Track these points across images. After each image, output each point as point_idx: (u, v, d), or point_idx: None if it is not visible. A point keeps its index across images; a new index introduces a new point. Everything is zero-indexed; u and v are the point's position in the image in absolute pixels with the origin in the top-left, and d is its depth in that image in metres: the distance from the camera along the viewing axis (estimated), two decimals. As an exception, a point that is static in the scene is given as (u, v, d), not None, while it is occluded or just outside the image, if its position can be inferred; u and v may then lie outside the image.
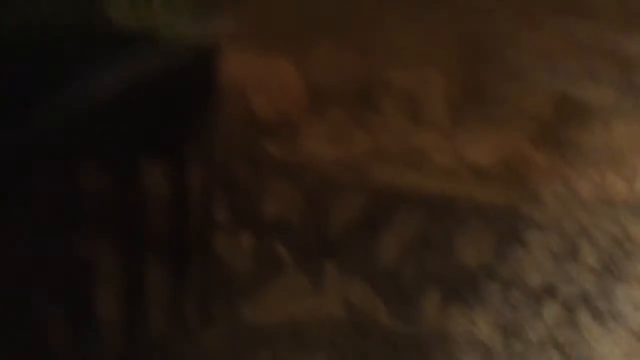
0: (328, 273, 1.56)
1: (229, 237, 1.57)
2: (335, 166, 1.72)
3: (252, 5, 1.91)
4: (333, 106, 1.88)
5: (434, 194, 1.64)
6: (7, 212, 1.19)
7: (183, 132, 1.38)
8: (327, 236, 1.60)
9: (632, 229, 1.64)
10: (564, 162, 1.71)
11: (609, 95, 1.81)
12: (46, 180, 1.21)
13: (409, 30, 2.00)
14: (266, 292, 1.53)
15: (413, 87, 1.90)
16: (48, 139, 1.23)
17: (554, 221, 1.61)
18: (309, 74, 1.88)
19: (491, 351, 1.48)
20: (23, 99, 1.18)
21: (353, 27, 1.95)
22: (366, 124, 1.86)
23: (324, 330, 1.48)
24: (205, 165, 1.40)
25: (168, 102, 1.35)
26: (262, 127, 1.81)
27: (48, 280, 1.24)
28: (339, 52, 1.92)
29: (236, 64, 1.78)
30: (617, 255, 1.62)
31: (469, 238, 1.60)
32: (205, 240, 1.46)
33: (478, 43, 1.97)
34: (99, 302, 1.28)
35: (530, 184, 1.70)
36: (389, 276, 1.54)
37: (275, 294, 1.52)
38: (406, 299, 1.50)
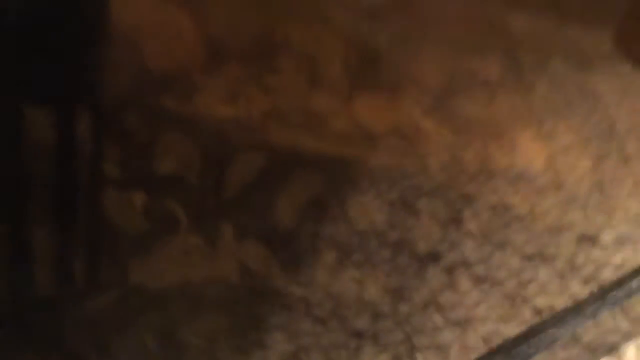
0: (223, 234, 1.52)
1: (119, 194, 1.48)
2: (233, 125, 1.68)
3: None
4: (230, 61, 1.81)
5: (330, 157, 1.65)
6: None
7: (69, 77, 1.27)
8: (223, 196, 1.56)
9: (510, 199, 1.75)
10: (451, 131, 1.78)
11: (495, 69, 1.90)
12: None
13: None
14: (158, 253, 1.47)
15: (312, 48, 1.88)
16: None
17: (439, 189, 1.68)
18: (205, 26, 1.80)
19: (379, 313, 1.53)
20: None
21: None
22: (264, 83, 1.81)
23: (218, 293, 1.46)
24: (95, 114, 1.30)
25: (52, 40, 1.23)
26: (155, 78, 1.71)
27: None
28: (238, 4, 1.85)
29: (128, 9, 1.66)
30: (496, 223, 1.72)
31: (362, 203, 1.63)
32: (95, 196, 1.37)
33: (374, 8, 1.98)
34: None
35: (419, 151, 1.75)
36: (285, 238, 1.53)
37: (168, 255, 1.47)
38: (301, 261, 1.51)
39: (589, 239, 1.74)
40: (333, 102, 1.85)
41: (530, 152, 1.84)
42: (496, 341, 1.53)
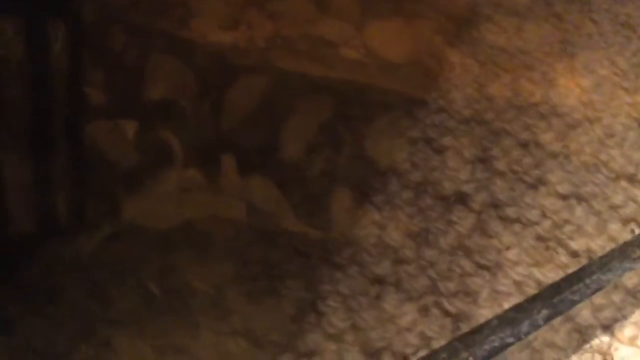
0: (226, 168, 1.33)
1: (106, 124, 1.28)
2: (232, 49, 1.48)
3: None
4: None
5: (342, 83, 1.46)
6: None
7: None
8: (223, 124, 1.37)
9: (542, 135, 1.59)
10: (476, 62, 1.61)
11: None
12: None
13: None
14: (154, 190, 1.28)
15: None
16: None
17: (465, 125, 1.51)
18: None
19: (401, 257, 1.37)
20: None
21: None
22: (266, 6, 1.62)
23: (224, 234, 1.28)
24: (73, 27, 1.10)
25: None
26: (150, 2, 1.51)
27: None
28: None
29: None
30: (527, 161, 1.56)
31: (381, 138, 1.45)
32: (77, 123, 1.17)
33: None
34: None
35: (442, 83, 1.57)
36: (294, 174, 1.34)
37: (165, 192, 1.28)
38: (313, 200, 1.32)
39: (627, 177, 1.58)
40: (343, 28, 1.65)
41: (562, 86, 1.66)
42: (530, 286, 1.38)
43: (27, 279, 1.10)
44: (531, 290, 1.35)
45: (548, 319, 1.30)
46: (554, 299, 1.34)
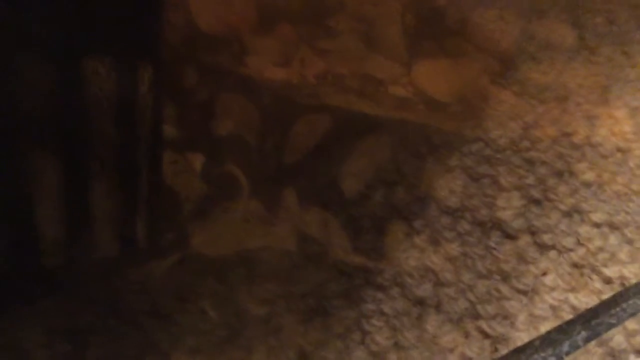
0: (286, 200, 1.46)
1: (177, 156, 1.42)
2: (289, 87, 1.60)
3: None
4: (282, 23, 1.74)
5: (396, 123, 1.57)
6: None
7: (130, 32, 1.21)
8: (286, 160, 1.49)
9: (575, 165, 1.67)
10: (522, 99, 1.70)
11: (571, 36, 1.80)
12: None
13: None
14: (218, 219, 1.41)
15: (368, 9, 1.79)
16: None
17: (503, 155, 1.60)
18: (257, -13, 1.72)
19: (441, 280, 1.46)
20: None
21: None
22: (317, 44, 1.74)
23: (276, 259, 1.40)
24: (154, 69, 1.24)
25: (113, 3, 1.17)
26: (207, 40, 1.65)
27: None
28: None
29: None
30: (563, 190, 1.64)
31: (439, 174, 1.56)
32: (155, 155, 1.31)
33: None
34: (40, 219, 1.11)
35: (488, 120, 1.67)
36: (350, 207, 1.46)
37: (228, 221, 1.41)
38: (367, 232, 1.43)
39: (660, 206, 1.65)
40: (392, 66, 1.76)
41: (596, 117, 1.75)
42: (565, 310, 1.46)
43: (97, 296, 1.23)
44: (566, 314, 1.42)
45: (587, 340, 1.39)
46: (592, 321, 1.43)
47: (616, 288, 1.50)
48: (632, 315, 1.41)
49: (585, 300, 1.47)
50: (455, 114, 1.67)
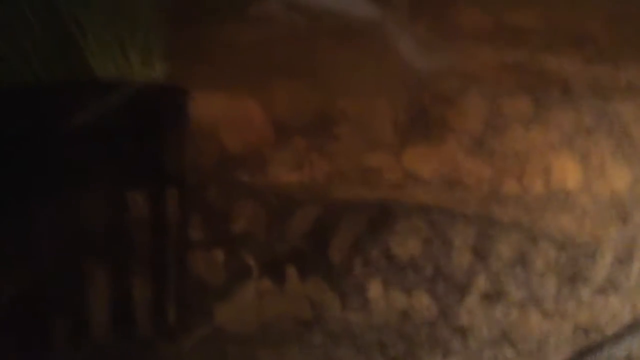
0: (290, 276, 1.81)
1: (203, 253, 1.83)
2: (297, 187, 1.99)
3: (218, 53, 2.21)
4: (295, 136, 2.15)
5: (378, 201, 1.89)
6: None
7: (161, 166, 1.67)
8: (287, 245, 1.86)
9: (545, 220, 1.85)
10: (491, 167, 1.96)
11: (529, 106, 2.07)
12: (49, 211, 1.50)
13: (360, 65, 2.28)
14: (237, 297, 1.78)
15: (365, 115, 2.17)
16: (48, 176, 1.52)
17: (477, 219, 1.85)
18: (272, 110, 2.15)
19: (449, 349, 1.69)
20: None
21: (309, 65, 2.23)
22: (325, 149, 2.12)
23: (291, 326, 1.73)
24: (180, 193, 1.68)
25: (146, 139, 1.64)
26: (234, 159, 2.09)
27: (51, 293, 1.52)
28: (297, 89, 2.20)
29: (208, 105, 2.08)
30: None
31: (402, 236, 1.85)
32: (183, 255, 1.73)
33: (416, 71, 2.25)
34: (93, 310, 1.55)
35: (461, 189, 1.94)
36: (340, 272, 1.78)
37: (245, 298, 1.78)
38: (355, 289, 1.74)
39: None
40: (386, 158, 2.11)
41: (562, 171, 1.95)
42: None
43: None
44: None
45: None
46: None
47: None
48: None
49: None
50: (435, 188, 1.96)
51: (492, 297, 1.70)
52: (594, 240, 1.80)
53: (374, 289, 1.70)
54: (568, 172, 1.86)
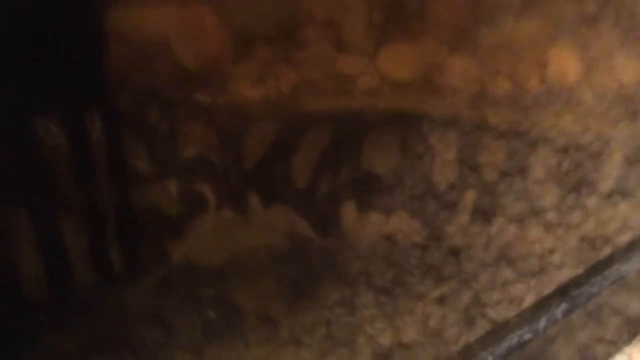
0: (252, 205, 1.37)
1: (151, 185, 1.39)
2: (261, 103, 1.52)
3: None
4: (258, 46, 1.66)
5: (349, 112, 1.43)
6: None
7: (73, 86, 1.19)
8: (245, 167, 1.41)
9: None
10: (477, 63, 1.47)
11: None
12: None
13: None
14: (195, 232, 1.36)
15: (334, 16, 1.66)
16: None
17: (464, 124, 1.39)
18: (229, 18, 1.67)
19: (443, 275, 1.29)
20: None
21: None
22: (292, 58, 1.64)
23: (264, 258, 1.31)
24: (107, 116, 1.21)
25: (50, 55, 1.15)
26: (191, 77, 1.61)
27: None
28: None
29: (157, 17, 1.58)
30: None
31: (377, 148, 1.39)
32: (123, 190, 1.29)
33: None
34: (19, 261, 1.12)
35: (445, 90, 1.47)
36: (306, 196, 1.35)
37: (203, 233, 1.35)
38: (325, 214, 1.31)
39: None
40: (359, 61, 1.62)
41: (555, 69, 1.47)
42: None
43: (98, 317, 1.23)
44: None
45: (567, 313, 1.16)
46: (572, 292, 1.19)
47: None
48: (615, 282, 1.15)
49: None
50: (415, 92, 1.49)
51: (486, 212, 1.25)
52: (600, 141, 1.31)
53: (347, 213, 1.25)
54: (567, 66, 1.35)
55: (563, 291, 1.18)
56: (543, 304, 1.19)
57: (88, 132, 1.25)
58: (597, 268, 1.19)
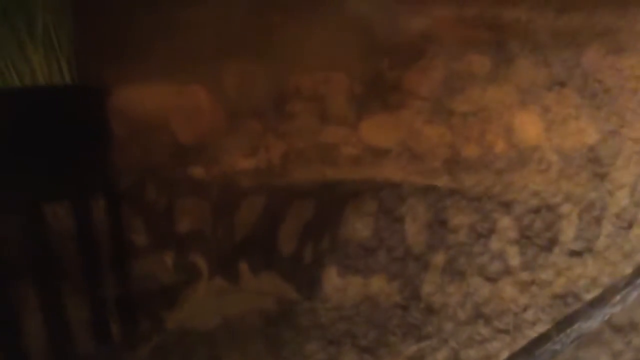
0: (243, 272, 1.53)
1: (149, 258, 1.56)
2: (252, 173, 1.70)
3: (158, 44, 1.90)
4: (249, 120, 1.85)
5: (331, 180, 1.59)
6: None
7: (79, 173, 1.38)
8: (236, 238, 1.57)
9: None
10: (450, 131, 1.63)
11: (487, 64, 1.71)
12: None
13: (311, 37, 1.95)
14: (188, 301, 1.51)
15: (319, 89, 1.85)
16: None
17: (438, 190, 1.53)
18: (222, 94, 1.86)
19: (423, 334, 1.42)
20: None
21: (257, 42, 1.91)
22: (280, 130, 1.82)
23: (256, 322, 1.46)
24: (109, 198, 1.39)
25: (58, 147, 1.34)
26: (187, 152, 1.80)
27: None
28: (247, 68, 1.89)
29: (155, 98, 1.78)
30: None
31: (356, 214, 1.54)
32: (122, 265, 1.46)
33: (373, 37, 1.91)
34: (26, 334, 1.29)
35: (422, 156, 1.62)
36: (291, 263, 1.50)
37: (197, 300, 1.51)
38: (309, 278, 1.46)
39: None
40: (343, 131, 1.79)
41: (520, 129, 1.61)
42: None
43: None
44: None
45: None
46: (536, 350, 1.30)
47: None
48: (577, 339, 1.27)
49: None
50: (395, 159, 1.65)
51: (462, 273, 1.38)
52: (569, 202, 1.45)
53: (329, 277, 1.40)
54: (530, 128, 1.51)
55: (528, 350, 1.29)
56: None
57: (91, 214, 1.43)
58: (562, 325, 1.31)
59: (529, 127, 1.60)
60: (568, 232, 1.48)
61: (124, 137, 1.59)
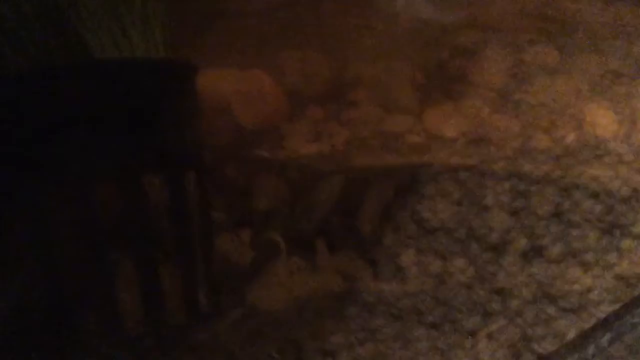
0: (320, 250, 1.64)
1: (229, 234, 1.66)
2: (316, 158, 1.81)
3: (223, 31, 2.01)
4: (311, 106, 1.96)
5: (402, 167, 1.72)
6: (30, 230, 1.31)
7: (174, 147, 1.48)
8: (315, 217, 1.69)
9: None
10: (518, 120, 1.77)
11: (554, 56, 1.86)
12: (65, 203, 1.32)
13: (372, 28, 2.08)
14: (267, 277, 1.62)
15: (381, 78, 1.98)
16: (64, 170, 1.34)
17: (510, 176, 1.66)
18: (285, 81, 1.98)
19: (488, 311, 1.53)
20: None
21: (317, 32, 2.04)
22: (343, 117, 1.94)
23: (324, 301, 1.56)
24: (198, 173, 1.50)
25: (155, 120, 1.45)
26: (250, 135, 1.91)
27: (79, 287, 1.35)
28: (308, 57, 2.01)
29: (218, 82, 1.89)
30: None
31: (433, 200, 1.67)
32: (209, 239, 1.56)
33: (434, 29, 2.04)
34: (122, 301, 1.38)
35: (491, 145, 1.75)
36: (371, 243, 1.61)
37: (275, 277, 1.61)
38: (387, 258, 1.57)
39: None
40: (406, 120, 1.92)
41: (593, 124, 1.76)
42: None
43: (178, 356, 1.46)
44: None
45: (611, 342, 1.39)
46: (615, 323, 1.43)
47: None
48: None
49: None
50: (463, 148, 1.78)
51: (529, 254, 1.51)
52: (630, 188, 1.60)
53: (407, 257, 1.52)
54: (600, 120, 1.66)
55: (605, 323, 1.42)
56: (588, 335, 1.43)
57: (185, 187, 1.53)
58: (635, 301, 1.44)
59: (600, 119, 1.75)
60: (632, 218, 1.62)
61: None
